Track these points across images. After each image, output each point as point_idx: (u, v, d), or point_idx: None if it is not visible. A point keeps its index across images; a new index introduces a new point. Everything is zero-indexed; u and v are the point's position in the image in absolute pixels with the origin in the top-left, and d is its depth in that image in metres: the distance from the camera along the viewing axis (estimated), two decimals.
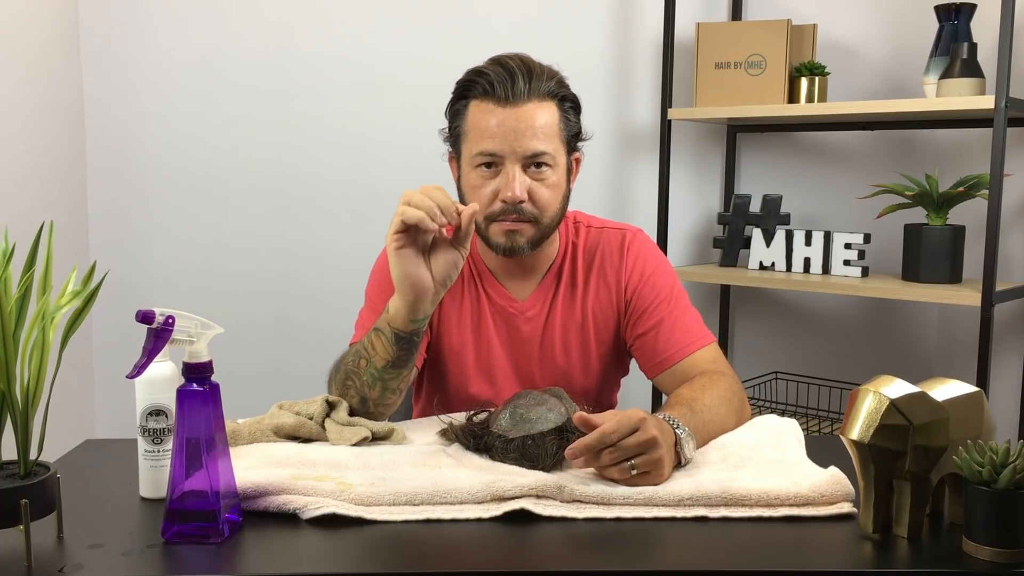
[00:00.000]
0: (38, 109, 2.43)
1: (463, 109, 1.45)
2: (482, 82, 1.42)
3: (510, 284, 1.55)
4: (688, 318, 1.52)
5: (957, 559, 0.97)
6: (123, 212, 2.71)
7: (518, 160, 1.41)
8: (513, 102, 1.40)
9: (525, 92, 1.40)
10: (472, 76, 1.44)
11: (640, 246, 1.57)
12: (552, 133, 1.43)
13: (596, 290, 1.55)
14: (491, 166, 1.42)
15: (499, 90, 1.40)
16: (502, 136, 1.40)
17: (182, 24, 2.65)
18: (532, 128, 1.40)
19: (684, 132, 2.63)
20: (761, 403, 2.39)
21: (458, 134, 1.47)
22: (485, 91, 1.42)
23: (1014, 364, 2.35)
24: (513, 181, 1.40)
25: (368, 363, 1.36)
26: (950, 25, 2.19)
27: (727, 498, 1.08)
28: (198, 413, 1.01)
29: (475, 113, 1.43)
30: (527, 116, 1.40)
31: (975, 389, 1.05)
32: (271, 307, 2.73)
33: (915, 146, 2.45)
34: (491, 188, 1.43)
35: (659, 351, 1.50)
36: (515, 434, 1.21)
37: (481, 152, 1.42)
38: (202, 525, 1.00)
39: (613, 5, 2.61)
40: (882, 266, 2.43)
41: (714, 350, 1.50)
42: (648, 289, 1.53)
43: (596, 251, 1.56)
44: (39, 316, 0.98)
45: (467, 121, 1.44)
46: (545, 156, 1.42)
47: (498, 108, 1.41)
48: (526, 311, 1.54)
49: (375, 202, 2.68)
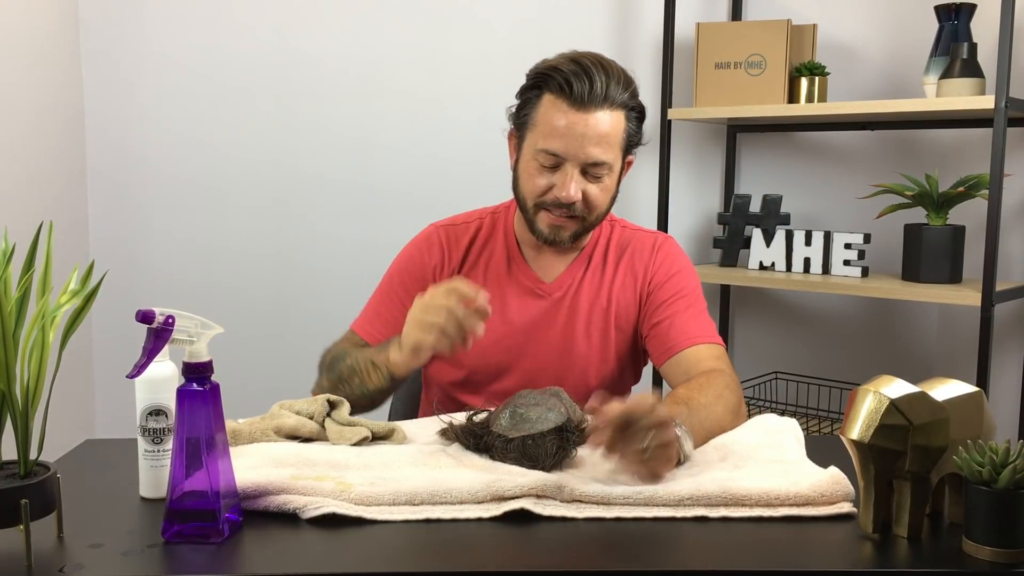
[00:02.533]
0: (38, 109, 2.43)
1: (535, 99, 1.48)
2: (559, 79, 1.43)
3: (539, 262, 1.59)
4: (703, 318, 1.57)
5: (957, 559, 0.97)
6: (123, 212, 2.71)
7: (578, 164, 1.45)
8: (585, 107, 1.43)
9: (600, 98, 1.43)
10: (550, 70, 1.45)
11: (671, 248, 1.63)
12: (615, 142, 1.47)
13: (623, 280, 1.59)
14: (552, 162, 1.46)
15: (576, 90, 1.42)
16: (569, 139, 1.44)
17: (182, 24, 2.65)
18: (598, 136, 1.44)
19: (684, 132, 2.63)
20: (761, 403, 2.39)
21: (525, 121, 1.50)
22: (561, 88, 1.43)
23: (1014, 364, 2.35)
24: (570, 182, 1.45)
25: (360, 383, 1.44)
26: (950, 25, 2.19)
27: (727, 498, 1.08)
28: (198, 413, 1.01)
29: (547, 108, 1.45)
30: (596, 123, 1.43)
31: (975, 389, 1.05)
32: (271, 307, 2.73)
33: (915, 146, 2.45)
34: (547, 181, 1.48)
35: (670, 337, 1.53)
36: (515, 434, 1.21)
37: (545, 150, 1.46)
38: (202, 525, 1.00)
39: (613, 5, 2.61)
40: (882, 266, 2.43)
41: (721, 350, 1.52)
42: (671, 285, 1.58)
43: (627, 247, 1.62)
44: (39, 316, 0.98)
45: (537, 113, 1.47)
46: (603, 165, 1.46)
47: (570, 110, 1.43)
48: (552, 292, 1.57)
49: (375, 202, 2.68)
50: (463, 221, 1.64)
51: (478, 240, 1.61)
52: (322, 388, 1.51)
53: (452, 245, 1.60)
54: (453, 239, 1.61)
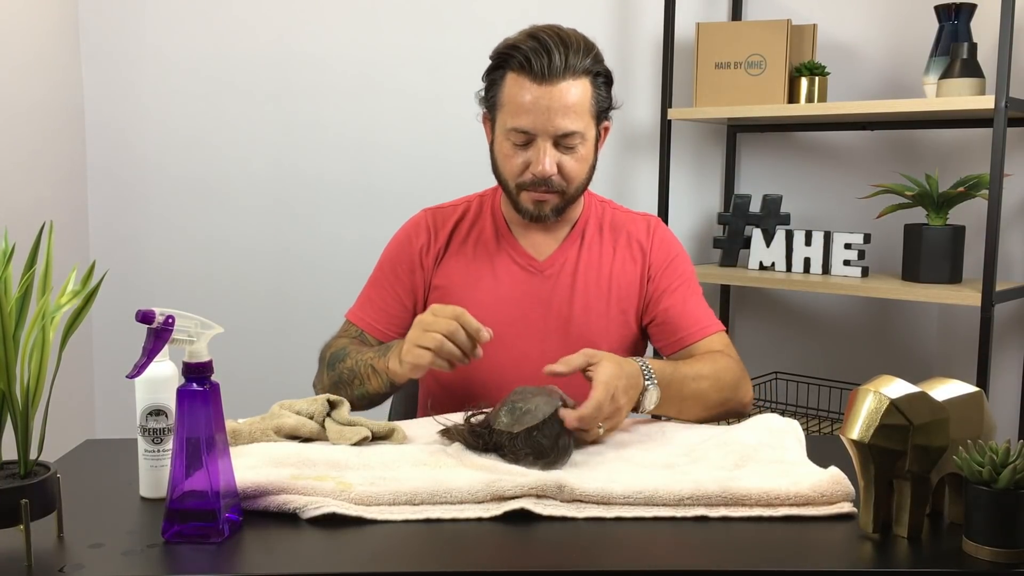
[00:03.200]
0: (38, 109, 2.43)
1: (499, 79, 1.49)
2: (519, 57, 1.45)
3: (531, 241, 1.60)
4: (705, 304, 1.63)
5: (957, 559, 0.97)
6: (123, 212, 2.71)
7: (549, 137, 1.46)
8: (548, 80, 1.43)
9: (561, 69, 1.43)
10: (509, 49, 1.47)
11: (665, 232, 1.66)
12: (584, 110, 1.47)
13: (623, 261, 1.61)
14: (523, 140, 1.47)
15: (535, 66, 1.43)
16: (536, 114, 1.44)
17: (182, 24, 2.65)
18: (565, 107, 1.44)
19: (684, 132, 2.63)
20: (761, 403, 2.39)
21: (494, 103, 1.51)
22: (521, 65, 1.45)
23: (1014, 364, 2.35)
24: (544, 157, 1.46)
25: (360, 385, 1.46)
26: (950, 25, 2.19)
27: (727, 498, 1.08)
28: (198, 413, 1.01)
29: (511, 87, 1.47)
30: (560, 95, 1.44)
31: (975, 389, 1.05)
32: (271, 307, 2.73)
33: (915, 146, 2.45)
34: (522, 159, 1.49)
35: (681, 328, 1.57)
36: (519, 427, 1.21)
37: (514, 128, 1.47)
38: (202, 525, 1.00)
39: (613, 5, 2.61)
40: (882, 266, 2.43)
41: (726, 337, 1.59)
42: (672, 270, 1.61)
43: (621, 228, 1.63)
44: (39, 316, 0.98)
45: (503, 93, 1.48)
46: (575, 135, 1.46)
47: (533, 85, 1.44)
48: (546, 269, 1.58)
49: (375, 202, 2.68)
50: (451, 204, 1.66)
51: (465, 221, 1.62)
52: (323, 384, 1.52)
53: (439, 225, 1.62)
54: (440, 220, 1.62)
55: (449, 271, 1.59)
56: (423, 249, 1.60)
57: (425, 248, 1.60)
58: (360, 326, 1.58)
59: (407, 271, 1.60)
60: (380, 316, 1.59)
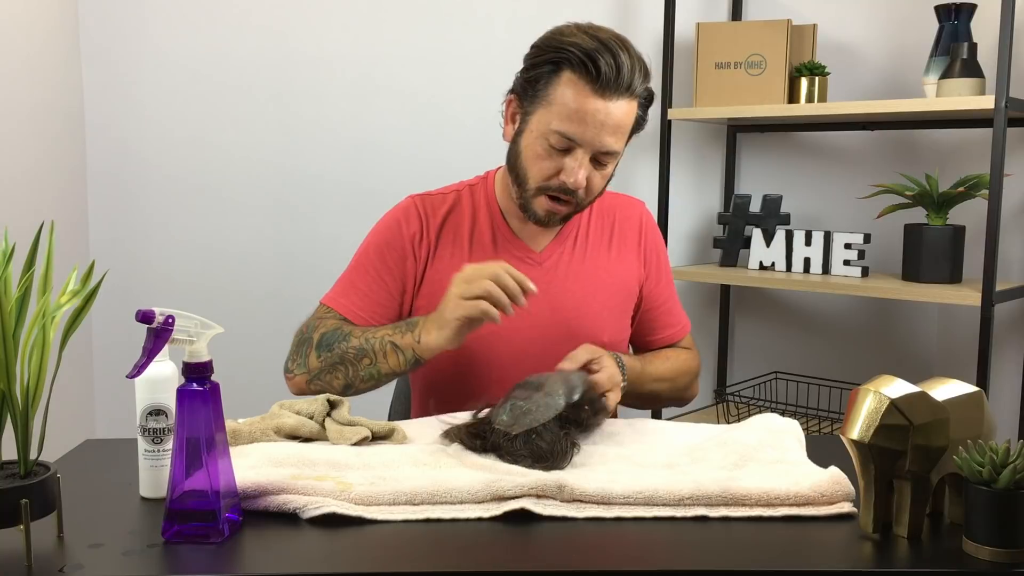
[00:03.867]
0: (38, 109, 2.43)
1: (552, 74, 1.41)
2: (581, 56, 1.37)
3: (527, 232, 1.58)
4: (677, 296, 1.70)
5: (957, 559, 0.97)
6: (123, 212, 2.71)
7: (591, 151, 1.42)
8: (608, 94, 1.38)
9: (624, 87, 1.39)
10: (571, 45, 1.39)
11: (654, 222, 1.68)
12: (626, 131, 1.45)
13: (619, 251, 1.61)
14: (564, 145, 1.42)
15: (603, 75, 1.37)
16: (588, 126, 1.39)
17: (182, 24, 2.65)
18: (616, 125, 1.41)
19: (684, 132, 2.63)
20: (761, 403, 2.39)
21: (537, 96, 1.42)
22: (585, 68, 1.37)
23: (1014, 364, 2.35)
24: (579, 170, 1.42)
25: (372, 364, 1.40)
26: (950, 25, 2.19)
27: (727, 498, 1.08)
28: (198, 413, 1.01)
29: (566, 87, 1.39)
30: (615, 113, 1.40)
31: (975, 389, 1.05)
32: (271, 306, 2.73)
33: (915, 146, 2.45)
34: (554, 165, 1.43)
35: (667, 325, 1.65)
36: (517, 429, 1.20)
37: (559, 132, 1.40)
38: (202, 525, 1.00)
39: (613, 5, 2.61)
40: (882, 266, 2.43)
41: (689, 335, 1.71)
42: (661, 264, 1.65)
43: (614, 216, 1.63)
44: (39, 316, 0.98)
45: (555, 91, 1.40)
46: (614, 154, 1.45)
47: (592, 95, 1.38)
48: (544, 261, 1.56)
49: (375, 202, 2.65)
50: (439, 192, 1.60)
51: (456, 211, 1.57)
52: (308, 367, 1.45)
53: (430, 213, 1.56)
54: (430, 208, 1.56)
55: (443, 263, 1.53)
56: (415, 237, 1.54)
57: (418, 237, 1.54)
58: (343, 313, 1.51)
59: (397, 258, 1.53)
60: (364, 303, 1.51)
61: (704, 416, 2.45)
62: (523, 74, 1.45)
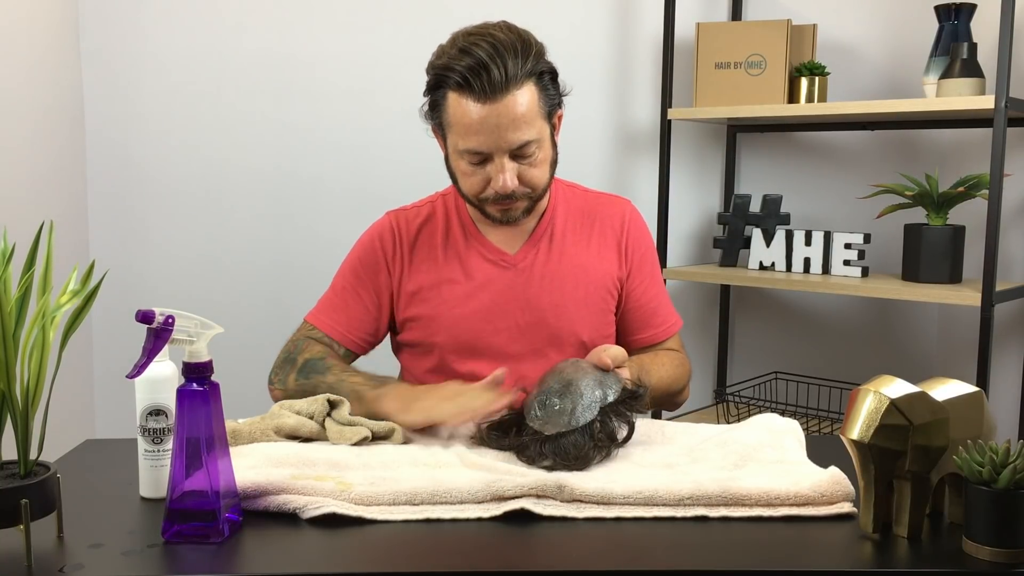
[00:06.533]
0: (38, 109, 2.43)
1: (441, 99, 1.43)
2: (455, 77, 1.38)
3: (500, 236, 1.57)
4: (667, 295, 1.67)
5: (957, 559, 0.97)
6: (123, 212, 2.71)
7: (504, 152, 1.41)
8: (491, 96, 1.37)
9: (502, 83, 1.36)
10: (443, 70, 1.40)
11: (640, 219, 1.65)
12: (534, 116, 1.41)
13: (599, 249, 1.59)
14: (478, 159, 1.43)
15: (476, 85, 1.37)
16: (486, 133, 1.39)
17: (182, 24, 2.65)
18: (514, 120, 1.38)
19: (684, 132, 2.63)
20: (761, 403, 2.39)
21: (440, 122, 1.46)
22: (460, 85, 1.38)
23: (1014, 364, 2.35)
24: (502, 174, 1.42)
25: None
26: (950, 25, 2.19)
27: (727, 498, 1.08)
28: (198, 413, 1.01)
29: (455, 107, 1.41)
30: (508, 109, 1.38)
31: (975, 389, 1.05)
32: (271, 307, 2.73)
33: (915, 146, 2.45)
34: (481, 176, 1.45)
35: (653, 323, 1.62)
36: (550, 430, 1.20)
37: (468, 150, 1.42)
38: (202, 525, 1.00)
39: (613, 5, 2.61)
40: (882, 266, 2.43)
41: (679, 335, 1.68)
42: (647, 262, 1.62)
43: (595, 215, 1.61)
44: (39, 316, 0.98)
45: (448, 113, 1.43)
46: (531, 144, 1.42)
47: (478, 104, 1.38)
48: (518, 263, 1.55)
49: (374, 202, 2.65)
50: (414, 206, 1.62)
51: (431, 222, 1.58)
52: (286, 385, 1.48)
53: (403, 228, 1.58)
54: (404, 222, 1.58)
55: (419, 275, 1.55)
56: (390, 255, 1.56)
57: (391, 253, 1.56)
58: (324, 330, 1.55)
59: (371, 274, 1.56)
60: (343, 318, 1.55)
61: (704, 416, 2.45)
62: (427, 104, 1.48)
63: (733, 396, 2.40)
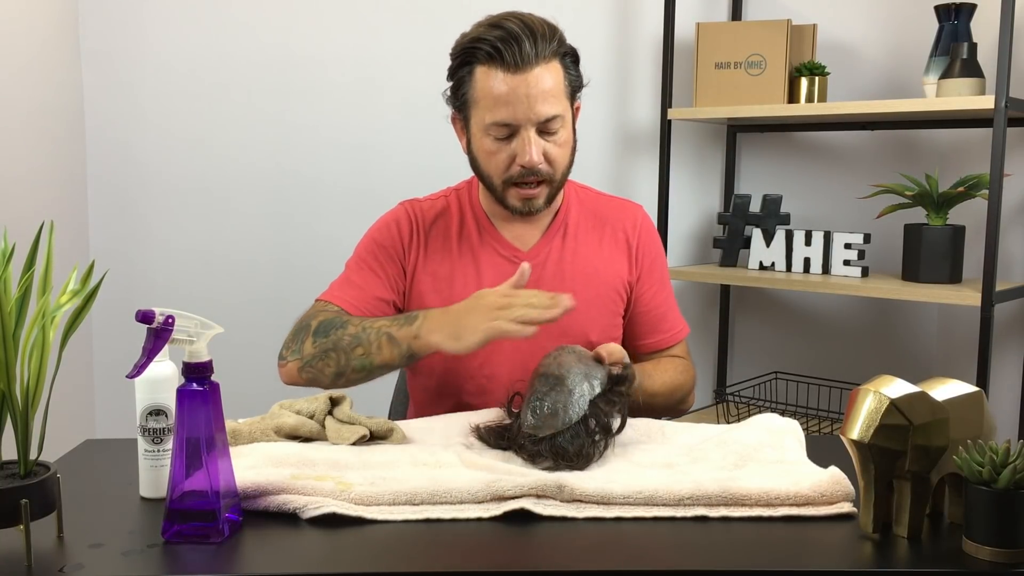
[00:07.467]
0: (38, 109, 2.43)
1: (468, 76, 1.45)
2: (486, 48, 1.41)
3: (513, 232, 1.58)
4: (674, 302, 1.67)
5: (957, 559, 0.97)
6: (123, 212, 2.71)
7: (533, 125, 1.43)
8: (522, 68, 1.40)
9: (532, 56, 1.40)
10: (473, 42, 1.43)
11: (651, 225, 1.66)
12: (560, 93, 1.44)
13: (610, 252, 1.60)
14: (506, 133, 1.44)
15: (507, 56, 1.40)
16: (515, 104, 1.41)
17: (182, 24, 2.65)
18: (543, 92, 1.41)
19: (684, 132, 2.63)
20: (761, 403, 2.39)
21: (465, 100, 1.47)
22: (491, 56, 1.41)
23: (1014, 364, 2.35)
24: (530, 146, 1.43)
25: (365, 355, 1.38)
26: (950, 25, 2.19)
27: (727, 498, 1.08)
28: (198, 413, 1.01)
29: (483, 80, 1.43)
30: (537, 81, 1.41)
31: (975, 389, 1.05)
32: (271, 307, 2.73)
33: (915, 146, 2.45)
34: (507, 153, 1.46)
35: (660, 329, 1.63)
36: (544, 432, 1.20)
37: (496, 122, 1.43)
38: (202, 525, 1.00)
39: (613, 5, 2.61)
40: (882, 266, 2.43)
41: (685, 342, 1.68)
42: (657, 268, 1.63)
43: (605, 217, 1.62)
44: (39, 316, 0.98)
45: (475, 88, 1.44)
46: (557, 119, 1.44)
47: (507, 75, 1.41)
48: (531, 259, 1.55)
49: (375, 202, 2.65)
50: (428, 199, 1.63)
51: (444, 216, 1.59)
52: (303, 353, 1.44)
53: (419, 216, 1.58)
54: (419, 212, 1.59)
55: (434, 264, 1.55)
56: (407, 239, 1.56)
57: (408, 238, 1.56)
58: (339, 304, 1.50)
59: (389, 257, 1.55)
60: (360, 295, 1.52)
61: (704, 416, 2.45)
62: (450, 88, 1.50)
63: (733, 396, 2.40)
